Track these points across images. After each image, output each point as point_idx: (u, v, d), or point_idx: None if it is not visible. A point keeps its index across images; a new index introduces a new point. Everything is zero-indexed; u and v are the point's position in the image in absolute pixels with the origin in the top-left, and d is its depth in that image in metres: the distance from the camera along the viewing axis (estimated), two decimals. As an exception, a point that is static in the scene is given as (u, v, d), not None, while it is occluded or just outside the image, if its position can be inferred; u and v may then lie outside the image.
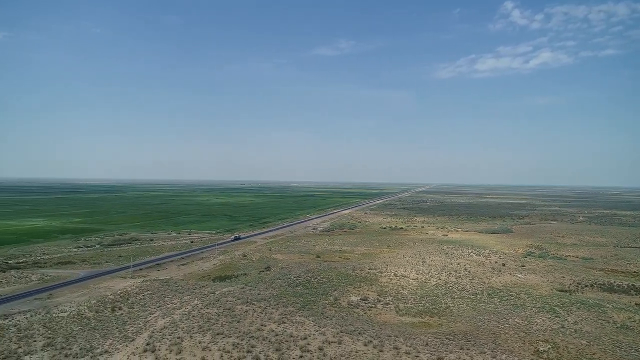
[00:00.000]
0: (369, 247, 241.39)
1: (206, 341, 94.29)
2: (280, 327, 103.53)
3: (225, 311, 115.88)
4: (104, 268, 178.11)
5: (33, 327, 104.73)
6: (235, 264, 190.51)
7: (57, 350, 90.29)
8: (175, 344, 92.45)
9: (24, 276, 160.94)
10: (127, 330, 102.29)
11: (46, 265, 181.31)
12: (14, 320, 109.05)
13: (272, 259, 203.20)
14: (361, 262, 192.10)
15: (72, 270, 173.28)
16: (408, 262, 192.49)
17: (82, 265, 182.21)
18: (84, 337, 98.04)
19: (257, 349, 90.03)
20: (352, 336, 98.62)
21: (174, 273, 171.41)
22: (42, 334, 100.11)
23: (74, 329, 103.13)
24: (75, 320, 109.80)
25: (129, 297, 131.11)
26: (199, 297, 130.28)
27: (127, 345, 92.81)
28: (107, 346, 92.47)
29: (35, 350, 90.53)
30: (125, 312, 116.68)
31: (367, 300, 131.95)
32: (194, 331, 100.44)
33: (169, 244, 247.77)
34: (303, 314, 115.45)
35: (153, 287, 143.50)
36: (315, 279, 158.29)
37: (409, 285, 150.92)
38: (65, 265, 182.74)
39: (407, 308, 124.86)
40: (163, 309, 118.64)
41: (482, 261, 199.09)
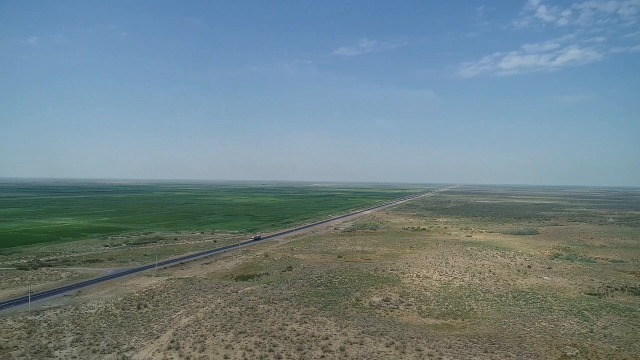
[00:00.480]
0: (391, 247, 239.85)
1: (229, 339, 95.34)
2: (302, 327, 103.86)
3: (248, 310, 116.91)
4: (130, 266, 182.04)
5: (63, 323, 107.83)
6: (258, 264, 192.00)
7: (85, 346, 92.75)
8: (198, 342, 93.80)
9: (54, 273, 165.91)
10: (152, 327, 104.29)
11: (75, 263, 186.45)
12: (44, 316, 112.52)
13: (294, 258, 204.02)
14: (383, 263, 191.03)
15: (100, 268, 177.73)
16: (431, 263, 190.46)
17: (109, 264, 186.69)
18: (111, 333, 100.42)
19: (279, 349, 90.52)
20: (374, 337, 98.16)
21: (198, 272, 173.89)
22: (71, 329, 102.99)
23: (101, 326, 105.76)
24: (103, 317, 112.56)
25: (154, 295, 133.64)
26: (221, 296, 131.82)
27: (152, 342, 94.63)
28: (133, 343, 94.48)
29: (64, 345, 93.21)
30: (150, 310, 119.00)
31: (389, 301, 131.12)
32: (217, 329, 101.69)
33: (193, 243, 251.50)
34: (325, 314, 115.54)
35: (177, 286, 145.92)
36: (337, 279, 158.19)
37: (432, 287, 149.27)
38: (93, 263, 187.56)
39: (430, 310, 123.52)
40: (187, 307, 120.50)
41: (507, 263, 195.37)
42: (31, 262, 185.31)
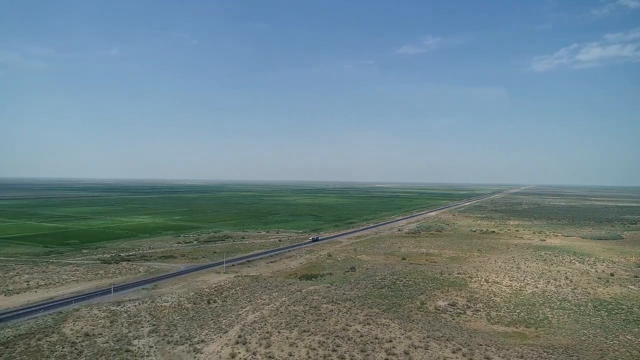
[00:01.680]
0: (457, 250, 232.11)
1: (293, 337, 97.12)
2: (365, 328, 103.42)
3: (312, 309, 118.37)
4: (201, 263, 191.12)
5: (140, 314, 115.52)
6: (321, 264, 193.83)
7: (161, 337, 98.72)
8: (264, 338, 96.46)
9: (133, 268, 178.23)
10: (220, 322, 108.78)
11: (151, 259, 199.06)
12: (125, 307, 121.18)
13: (357, 259, 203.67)
14: (449, 266, 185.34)
15: (174, 264, 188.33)
16: (501, 268, 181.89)
17: (182, 260, 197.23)
18: (184, 326, 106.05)
19: (342, 349, 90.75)
20: (440, 342, 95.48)
21: (263, 270, 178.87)
22: (148, 321, 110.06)
23: (175, 318, 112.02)
24: (176, 310, 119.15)
25: (223, 291, 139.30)
26: (286, 294, 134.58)
27: (221, 337, 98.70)
28: (204, 336, 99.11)
29: (142, 335, 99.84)
30: (219, 305, 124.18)
31: (455, 305, 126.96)
32: (282, 327, 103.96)
33: (259, 242, 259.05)
34: (388, 316, 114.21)
35: (244, 283, 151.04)
36: (401, 281, 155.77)
37: (502, 292, 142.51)
38: (168, 259, 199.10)
39: (500, 316, 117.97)
40: (253, 304, 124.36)
41: (586, 270, 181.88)
42: (113, 257, 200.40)
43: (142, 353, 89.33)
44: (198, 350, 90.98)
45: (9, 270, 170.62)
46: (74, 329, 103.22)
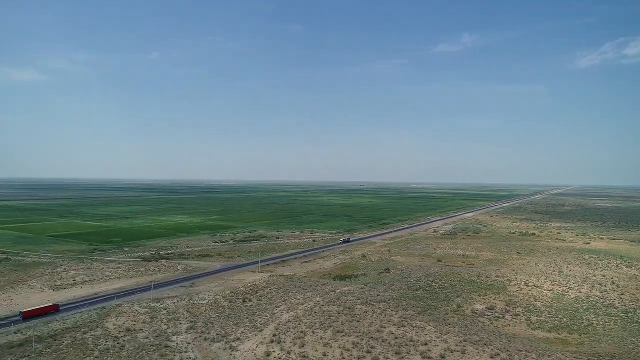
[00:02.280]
0: (495, 252, 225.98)
1: (327, 337, 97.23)
2: (399, 330, 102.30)
3: (346, 310, 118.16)
4: (236, 262, 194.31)
5: (179, 311, 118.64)
6: (355, 264, 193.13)
7: (198, 333, 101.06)
8: (298, 338, 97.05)
9: (172, 265, 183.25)
10: (256, 320, 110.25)
11: (189, 257, 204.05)
12: (164, 304, 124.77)
13: (391, 260, 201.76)
14: (487, 269, 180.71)
15: (210, 262, 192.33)
16: (541, 271, 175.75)
17: (218, 259, 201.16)
18: (220, 323, 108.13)
19: (377, 350, 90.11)
20: (477, 346, 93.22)
21: (298, 270, 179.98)
22: (186, 317, 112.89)
23: (211, 316, 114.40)
24: (213, 308, 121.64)
25: (258, 290, 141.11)
26: (320, 295, 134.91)
27: (256, 335, 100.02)
28: (239, 334, 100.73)
29: (180, 331, 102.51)
30: (254, 304, 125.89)
31: (493, 309, 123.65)
32: (316, 327, 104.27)
33: (293, 242, 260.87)
34: (423, 318, 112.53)
35: (278, 282, 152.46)
36: (437, 283, 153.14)
37: (543, 297, 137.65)
38: (204, 257, 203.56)
39: (541, 321, 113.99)
40: (287, 304, 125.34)
41: (634, 274, 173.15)
42: (153, 255, 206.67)
43: (180, 349, 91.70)
44: (234, 347, 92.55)
45: (57, 266, 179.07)
46: (117, 324, 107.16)
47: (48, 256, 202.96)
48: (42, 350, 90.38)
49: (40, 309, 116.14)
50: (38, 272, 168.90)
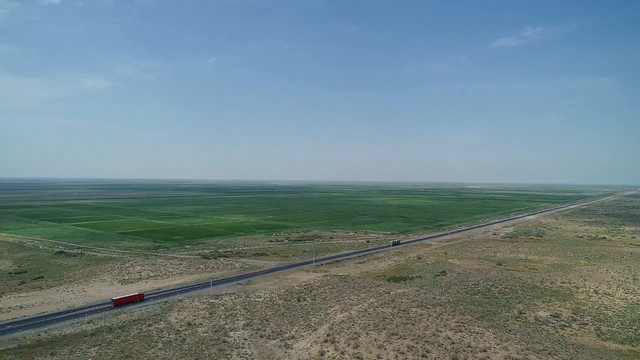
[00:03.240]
0: (561, 257, 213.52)
1: (381, 340, 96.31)
2: (457, 335, 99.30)
3: (400, 312, 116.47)
4: (291, 261, 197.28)
5: (236, 307, 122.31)
6: (410, 266, 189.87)
7: (254, 330, 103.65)
8: (352, 339, 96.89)
9: (230, 263, 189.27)
10: (310, 320, 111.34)
11: (246, 255, 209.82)
12: (222, 300, 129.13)
13: (448, 263, 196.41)
14: (551, 274, 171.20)
15: (266, 261, 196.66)
16: (613, 279, 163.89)
17: (274, 258, 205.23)
18: (275, 321, 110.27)
19: (433, 355, 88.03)
20: (541, 356, 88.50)
21: (352, 270, 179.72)
22: (243, 314, 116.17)
23: (267, 313, 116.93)
24: (268, 306, 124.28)
25: (312, 290, 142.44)
26: (374, 296, 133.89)
27: (310, 334, 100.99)
28: (294, 332, 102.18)
29: (237, 328, 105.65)
30: (308, 303, 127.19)
31: (559, 317, 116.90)
32: (370, 328, 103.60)
33: (347, 242, 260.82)
34: (482, 324, 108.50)
35: (333, 282, 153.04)
36: (497, 288, 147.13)
37: (615, 306, 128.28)
38: (260, 256, 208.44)
39: (613, 332, 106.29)
40: (341, 304, 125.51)
41: None
42: (212, 253, 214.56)
43: (238, 345, 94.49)
44: (289, 345, 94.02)
45: (125, 262, 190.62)
46: (179, 318, 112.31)
47: (117, 252, 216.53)
48: (112, 340, 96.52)
49: (128, 298, 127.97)
50: (108, 267, 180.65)
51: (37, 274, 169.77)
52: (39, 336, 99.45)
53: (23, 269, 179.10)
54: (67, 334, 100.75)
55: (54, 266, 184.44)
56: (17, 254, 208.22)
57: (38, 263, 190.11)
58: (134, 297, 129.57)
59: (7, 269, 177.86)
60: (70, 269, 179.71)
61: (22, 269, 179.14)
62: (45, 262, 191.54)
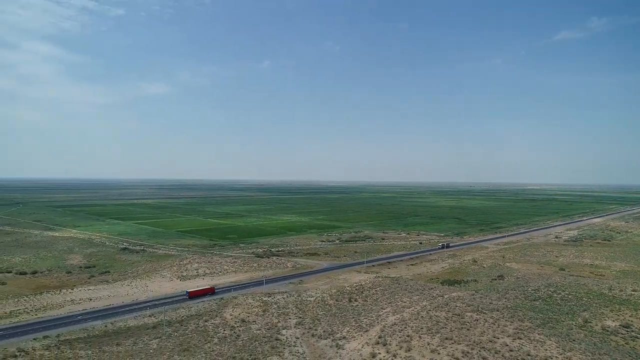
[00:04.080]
0: (632, 263, 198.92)
1: (434, 344, 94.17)
2: (515, 343, 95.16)
3: (454, 317, 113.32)
4: (342, 262, 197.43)
5: (288, 306, 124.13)
6: (465, 269, 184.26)
7: (306, 329, 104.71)
8: (404, 342, 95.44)
9: (282, 263, 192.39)
10: (361, 321, 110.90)
11: (298, 255, 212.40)
12: (275, 299, 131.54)
13: (505, 267, 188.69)
14: (621, 281, 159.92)
15: (317, 261, 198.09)
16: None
17: (325, 258, 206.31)
18: (327, 321, 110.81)
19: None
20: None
21: (404, 272, 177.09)
22: (295, 313, 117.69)
23: (318, 313, 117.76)
24: (320, 306, 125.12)
25: (363, 291, 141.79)
26: (427, 299, 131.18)
27: (362, 335, 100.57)
28: (345, 333, 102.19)
29: (289, 326, 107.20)
30: (360, 304, 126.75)
31: (629, 328, 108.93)
32: (423, 332, 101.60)
33: (399, 243, 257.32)
34: (543, 332, 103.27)
35: (384, 284, 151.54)
36: (559, 294, 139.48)
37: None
38: (312, 256, 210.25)
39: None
40: (393, 306, 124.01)
41: None
42: (265, 252, 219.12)
43: (290, 343, 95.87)
44: (340, 346, 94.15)
45: (183, 259, 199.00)
46: (233, 315, 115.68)
47: (176, 249, 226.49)
48: (171, 334, 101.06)
49: (202, 290, 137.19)
50: (168, 264, 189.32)
51: (104, 269, 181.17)
52: (105, 327, 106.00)
53: (92, 263, 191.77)
54: (130, 326, 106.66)
55: (119, 262, 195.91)
56: (87, 250, 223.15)
57: (105, 258, 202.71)
58: (207, 290, 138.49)
59: (78, 263, 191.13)
60: (133, 264, 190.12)
61: (91, 263, 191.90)
62: (111, 258, 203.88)
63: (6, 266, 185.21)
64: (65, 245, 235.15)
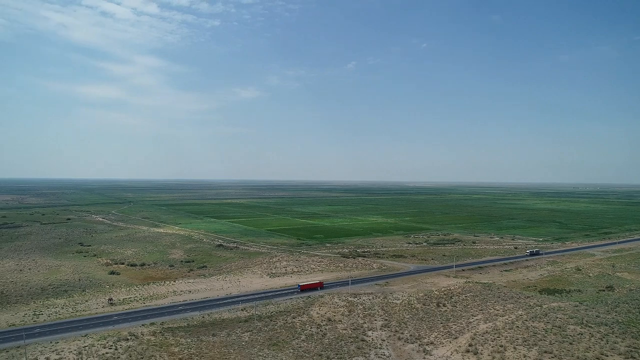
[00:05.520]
0: None
1: (531, 357, 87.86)
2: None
3: (555, 329, 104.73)
4: (430, 265, 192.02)
5: (374, 308, 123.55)
6: (567, 278, 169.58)
7: (392, 332, 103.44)
8: (497, 352, 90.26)
9: (368, 264, 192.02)
10: (450, 327, 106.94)
11: (384, 256, 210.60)
12: (360, 299, 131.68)
13: (615, 277, 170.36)
14: None
15: (403, 263, 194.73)
16: None
17: (412, 260, 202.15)
18: (413, 325, 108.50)
19: (596, 381, 77.23)
20: None
21: (497, 278, 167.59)
22: (381, 315, 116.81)
23: (405, 316, 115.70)
24: (406, 309, 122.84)
25: (452, 296, 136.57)
26: (523, 308, 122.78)
27: (451, 342, 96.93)
28: (433, 338, 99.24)
29: (375, 328, 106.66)
30: (448, 310, 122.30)
31: None
32: (518, 343, 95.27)
33: (491, 247, 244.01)
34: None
35: (475, 290, 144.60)
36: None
37: None
38: (398, 258, 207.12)
39: None
40: (485, 313, 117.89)
41: None
42: (351, 252, 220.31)
43: (376, 345, 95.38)
44: (427, 351, 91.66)
45: (272, 256, 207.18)
46: (319, 313, 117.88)
47: (266, 247, 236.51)
48: (262, 328, 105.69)
49: (312, 284, 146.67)
50: (258, 261, 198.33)
51: (201, 264, 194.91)
52: (203, 318, 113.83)
53: (191, 258, 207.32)
54: (225, 318, 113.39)
55: (214, 257, 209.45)
56: (187, 245, 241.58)
57: (202, 254, 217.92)
58: (316, 285, 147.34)
59: (179, 258, 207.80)
60: (227, 260, 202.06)
61: (190, 258, 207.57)
62: (208, 254, 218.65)
63: (120, 258, 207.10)
64: (168, 241, 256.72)
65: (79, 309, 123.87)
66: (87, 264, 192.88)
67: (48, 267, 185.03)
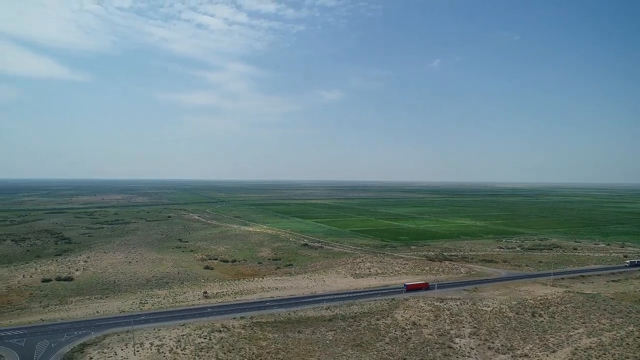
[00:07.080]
0: None
1: (645, 378, 78.66)
2: None
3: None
4: (524, 271, 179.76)
5: (462, 314, 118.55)
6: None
7: (481, 340, 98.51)
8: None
9: (455, 268, 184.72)
10: (547, 339, 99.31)
11: (472, 261, 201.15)
12: (447, 305, 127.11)
13: None
14: None
15: (494, 268, 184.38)
16: None
17: (503, 266, 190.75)
18: (505, 335, 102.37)
19: None
20: None
21: (602, 289, 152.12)
22: (469, 322, 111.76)
23: (495, 325, 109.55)
24: (497, 317, 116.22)
25: (550, 306, 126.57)
26: (635, 323, 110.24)
27: (548, 355, 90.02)
28: (527, 350, 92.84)
29: (463, 335, 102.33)
30: (545, 320, 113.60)
31: None
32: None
33: (596, 255, 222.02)
34: None
35: (576, 300, 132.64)
36: None
37: None
38: (488, 263, 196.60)
39: None
40: (588, 327, 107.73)
41: None
42: (437, 255, 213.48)
43: (463, 352, 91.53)
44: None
45: (356, 257, 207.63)
46: (404, 317, 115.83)
47: (350, 248, 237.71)
48: (345, 328, 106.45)
49: (417, 285, 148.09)
50: (342, 261, 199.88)
51: (288, 262, 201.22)
52: (289, 315, 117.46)
53: (278, 256, 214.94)
54: (310, 316, 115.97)
55: (300, 256, 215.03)
56: (274, 244, 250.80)
57: (288, 253, 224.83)
58: (422, 285, 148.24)
59: (267, 256, 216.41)
60: (312, 259, 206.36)
61: (277, 256, 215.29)
62: (293, 252, 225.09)
63: (214, 254, 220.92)
64: (257, 239, 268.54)
65: (178, 299, 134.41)
66: (185, 259, 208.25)
67: (152, 260, 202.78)
